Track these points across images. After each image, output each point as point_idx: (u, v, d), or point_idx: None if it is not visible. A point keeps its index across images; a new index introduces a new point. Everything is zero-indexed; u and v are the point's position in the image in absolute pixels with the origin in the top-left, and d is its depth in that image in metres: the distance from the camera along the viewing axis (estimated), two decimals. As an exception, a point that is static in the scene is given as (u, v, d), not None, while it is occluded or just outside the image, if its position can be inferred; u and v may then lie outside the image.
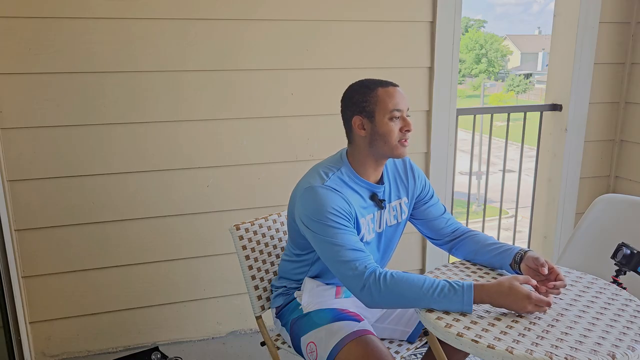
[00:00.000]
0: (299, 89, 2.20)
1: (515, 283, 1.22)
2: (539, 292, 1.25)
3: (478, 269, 1.50)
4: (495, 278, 1.43)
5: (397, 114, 1.39)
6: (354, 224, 1.40)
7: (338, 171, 1.43)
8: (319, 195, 1.36)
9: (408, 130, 1.40)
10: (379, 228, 1.51)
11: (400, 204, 1.56)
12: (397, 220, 1.56)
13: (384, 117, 1.39)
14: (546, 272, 1.30)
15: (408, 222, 1.63)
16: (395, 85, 1.42)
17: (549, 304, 1.21)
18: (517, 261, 1.40)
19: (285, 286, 1.58)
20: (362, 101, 1.40)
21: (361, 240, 1.44)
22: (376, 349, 1.33)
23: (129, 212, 2.10)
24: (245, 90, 2.13)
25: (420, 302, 1.25)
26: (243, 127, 2.16)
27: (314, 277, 1.53)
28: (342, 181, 1.42)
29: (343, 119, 1.48)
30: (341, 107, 1.47)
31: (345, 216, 1.36)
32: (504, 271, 1.46)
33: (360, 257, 1.32)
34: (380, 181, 1.51)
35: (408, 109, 1.43)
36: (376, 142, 1.41)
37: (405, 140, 1.41)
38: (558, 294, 1.30)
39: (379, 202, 1.48)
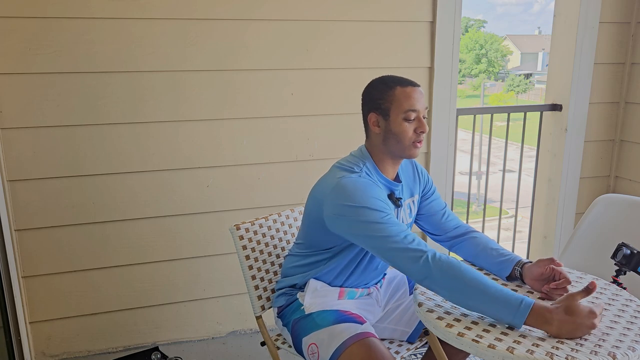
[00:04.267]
0: (299, 89, 2.20)
1: (574, 302, 1.14)
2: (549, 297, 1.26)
3: (479, 269, 1.50)
4: (497, 278, 1.43)
5: (413, 115, 1.38)
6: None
7: (364, 165, 1.43)
8: (359, 184, 1.35)
9: (422, 132, 1.39)
10: None
11: (413, 201, 1.57)
12: (411, 218, 1.57)
13: (399, 117, 1.38)
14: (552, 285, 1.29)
15: None
16: (415, 85, 1.41)
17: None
18: (517, 276, 1.39)
19: (289, 287, 1.57)
20: (379, 98, 1.40)
21: None
22: (379, 352, 1.33)
23: (129, 212, 2.10)
24: (245, 90, 2.13)
25: (476, 294, 1.19)
26: (243, 127, 2.16)
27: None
28: (369, 176, 1.42)
29: (362, 114, 1.47)
30: (361, 102, 1.47)
31: (386, 203, 1.36)
32: None
33: (417, 237, 1.29)
34: (397, 179, 1.51)
35: (426, 109, 1.42)
36: (389, 140, 1.41)
37: (420, 142, 1.41)
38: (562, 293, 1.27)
39: (395, 201, 1.47)
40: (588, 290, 1.15)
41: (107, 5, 1.91)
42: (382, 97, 1.40)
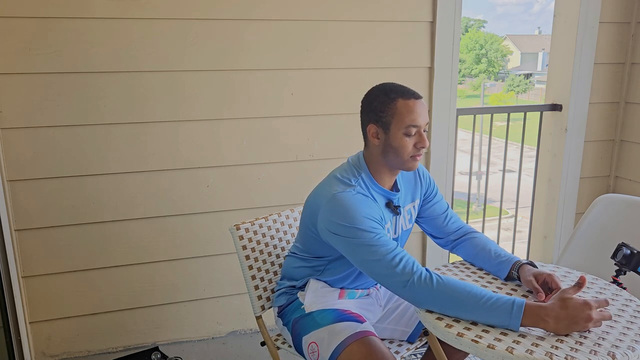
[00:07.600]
0: (298, 89, 2.20)
1: (567, 296, 1.15)
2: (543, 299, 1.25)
3: (478, 269, 1.50)
4: (496, 278, 1.44)
5: (413, 130, 1.35)
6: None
7: (360, 177, 1.41)
8: (353, 201, 1.33)
9: (422, 147, 1.38)
10: (395, 234, 1.50)
11: (414, 206, 1.56)
12: (411, 223, 1.56)
13: (399, 131, 1.35)
14: (543, 297, 1.27)
15: None
16: (417, 97, 1.37)
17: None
18: (514, 277, 1.39)
19: (290, 286, 1.57)
20: (380, 110, 1.37)
21: None
22: (378, 350, 1.33)
23: (129, 212, 2.10)
24: (245, 90, 2.13)
25: (467, 307, 1.19)
26: (243, 127, 2.16)
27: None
28: (365, 188, 1.41)
29: (360, 122, 1.45)
30: (360, 108, 1.44)
31: (379, 221, 1.35)
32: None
33: (405, 255, 1.28)
34: (395, 187, 1.50)
35: (427, 123, 1.39)
36: (388, 153, 1.39)
37: (419, 156, 1.39)
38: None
39: (394, 209, 1.46)
40: (579, 284, 1.17)
41: (106, 5, 1.91)
42: (383, 110, 1.36)
